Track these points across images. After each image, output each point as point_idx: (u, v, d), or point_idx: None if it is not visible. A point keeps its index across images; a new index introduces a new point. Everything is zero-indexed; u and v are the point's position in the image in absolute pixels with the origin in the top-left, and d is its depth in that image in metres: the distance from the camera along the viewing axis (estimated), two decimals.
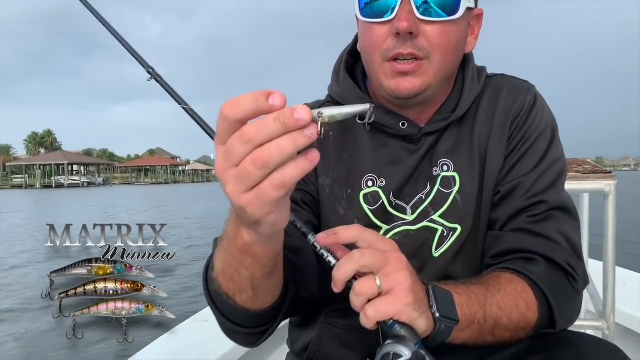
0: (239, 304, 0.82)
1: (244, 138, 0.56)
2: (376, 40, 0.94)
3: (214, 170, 0.62)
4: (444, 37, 0.92)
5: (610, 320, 1.77)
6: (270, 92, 0.55)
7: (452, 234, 1.01)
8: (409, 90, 0.94)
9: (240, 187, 0.58)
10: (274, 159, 0.55)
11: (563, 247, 0.94)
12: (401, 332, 0.73)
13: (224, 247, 0.76)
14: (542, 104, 1.05)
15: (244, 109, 0.56)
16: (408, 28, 0.89)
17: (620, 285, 2.27)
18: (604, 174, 1.83)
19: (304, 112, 0.54)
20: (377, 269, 0.73)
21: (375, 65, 0.96)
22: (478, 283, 0.87)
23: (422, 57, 0.92)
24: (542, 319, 0.89)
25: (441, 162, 1.02)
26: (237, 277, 0.78)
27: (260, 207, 0.59)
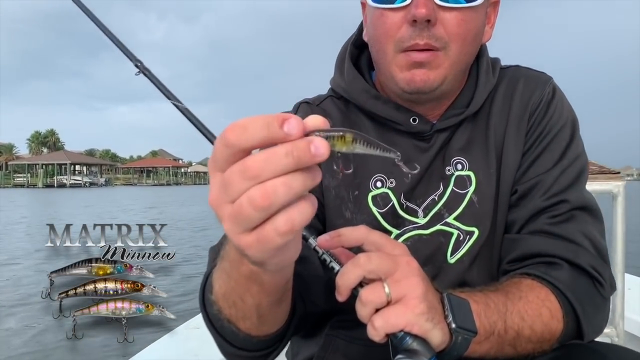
0: (242, 330, 0.73)
1: (247, 173, 0.45)
2: (390, 28, 0.86)
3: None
4: (463, 25, 0.84)
5: (620, 326, 1.70)
6: (285, 116, 0.45)
7: (469, 237, 0.92)
8: (424, 83, 0.86)
9: (237, 228, 0.48)
10: (279, 200, 0.45)
11: (588, 250, 0.86)
12: (413, 345, 0.64)
13: (225, 270, 0.67)
14: (562, 96, 0.98)
15: (253, 137, 0.46)
16: (426, 15, 0.81)
17: (625, 291, 2.22)
18: (611, 175, 1.74)
19: (323, 147, 0.45)
20: (385, 275, 0.65)
21: (388, 56, 0.88)
22: (497, 290, 0.79)
23: (439, 48, 0.84)
24: (568, 329, 0.81)
25: (455, 160, 0.95)
26: (240, 304, 0.69)
27: (262, 251, 0.50)
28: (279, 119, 0.45)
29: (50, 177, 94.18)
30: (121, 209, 26.26)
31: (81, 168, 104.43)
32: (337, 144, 0.48)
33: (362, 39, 1.00)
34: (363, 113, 0.98)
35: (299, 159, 0.44)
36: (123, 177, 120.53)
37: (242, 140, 0.46)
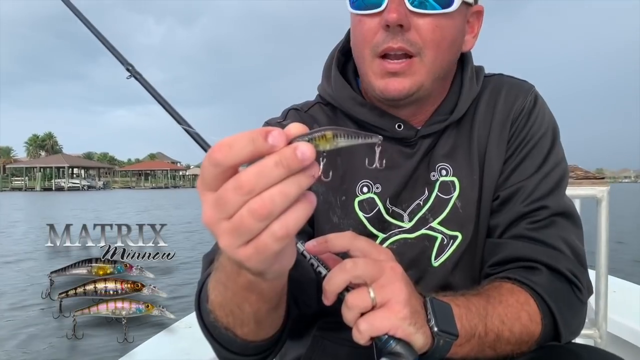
0: (240, 336, 0.75)
1: (242, 189, 0.47)
2: (366, 33, 0.88)
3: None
4: (437, 31, 0.87)
5: (602, 328, 1.73)
6: (268, 130, 0.48)
7: (452, 242, 0.95)
8: (399, 92, 0.89)
9: (236, 242, 0.50)
10: (277, 208, 0.48)
11: (566, 255, 0.90)
12: (396, 348, 0.66)
13: (221, 281, 0.69)
14: (543, 104, 1.01)
15: (240, 153, 0.48)
16: (397, 19, 0.83)
17: (610, 294, 2.27)
18: (596, 180, 1.78)
19: (308, 151, 0.47)
20: (370, 280, 0.67)
21: (366, 61, 0.91)
22: (478, 294, 0.82)
23: (414, 53, 0.87)
24: (546, 332, 0.84)
25: (439, 166, 0.97)
26: (238, 312, 0.72)
27: (261, 261, 0.52)
28: (262, 133, 0.47)
29: (48, 181, 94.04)
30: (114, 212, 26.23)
31: (79, 171, 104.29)
32: (320, 144, 0.50)
33: (349, 46, 1.01)
34: (350, 119, 1.01)
35: (288, 166, 0.47)
36: (121, 180, 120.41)
37: (229, 158, 0.47)
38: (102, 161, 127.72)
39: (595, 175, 1.82)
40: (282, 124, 0.93)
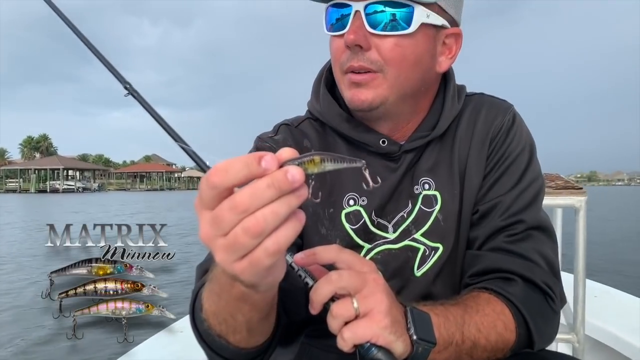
0: (232, 343, 0.79)
1: (237, 209, 0.51)
2: (335, 52, 0.95)
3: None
4: (397, 50, 0.91)
5: (580, 333, 1.78)
6: (261, 155, 0.52)
7: (434, 253, 0.99)
8: (362, 102, 0.93)
9: (231, 257, 0.54)
10: (269, 226, 0.52)
11: (541, 267, 0.94)
12: (378, 355, 0.70)
13: (215, 291, 0.73)
14: (520, 123, 1.05)
15: (235, 177, 0.52)
16: (354, 40, 0.89)
17: (592, 299, 2.33)
18: (574, 190, 1.85)
19: (298, 174, 0.51)
20: (354, 291, 0.71)
21: (338, 77, 0.98)
22: (456, 304, 0.86)
23: (376, 70, 0.91)
24: (520, 340, 0.88)
25: (422, 180, 1.01)
26: (231, 320, 0.75)
27: (255, 274, 0.56)
28: (256, 158, 0.51)
29: (43, 182, 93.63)
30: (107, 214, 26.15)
31: (74, 173, 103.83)
32: (309, 167, 0.54)
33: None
34: (337, 134, 1.05)
35: (280, 188, 0.51)
36: (116, 182, 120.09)
37: (225, 181, 0.52)
38: (97, 163, 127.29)
39: (573, 186, 1.88)
40: (273, 138, 1.05)
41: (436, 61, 0.99)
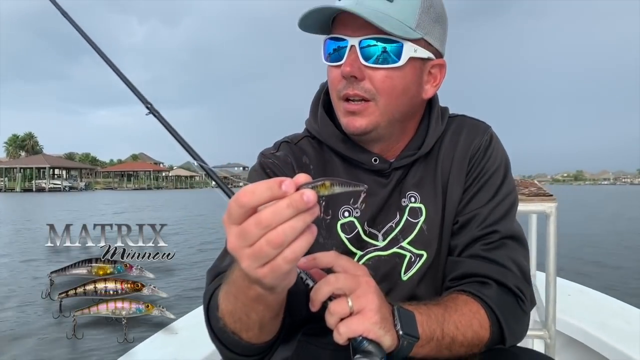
0: (244, 340, 0.88)
1: (261, 224, 0.62)
2: (333, 81, 1.06)
3: (198, 177, 0.64)
4: (388, 81, 1.02)
5: (551, 330, 1.88)
6: (281, 180, 0.62)
7: (418, 259, 1.10)
8: (357, 128, 1.04)
9: (255, 264, 0.65)
10: (288, 239, 0.62)
11: (514, 273, 1.04)
12: (369, 347, 0.80)
13: (232, 293, 0.83)
14: (497, 143, 1.16)
15: (261, 197, 0.62)
16: (350, 72, 1.00)
17: (565, 297, 2.53)
18: (546, 197, 1.99)
19: (312, 195, 0.62)
20: (349, 292, 0.82)
21: (335, 103, 1.08)
22: (438, 304, 0.96)
23: (369, 98, 1.02)
24: (494, 337, 0.98)
25: (409, 194, 1.12)
26: (245, 319, 0.85)
27: (275, 278, 0.67)
28: (277, 182, 0.62)
29: (29, 181, 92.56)
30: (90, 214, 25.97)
31: (60, 172, 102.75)
32: (321, 190, 0.65)
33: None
34: (334, 152, 1.16)
35: (296, 207, 0.62)
36: (103, 181, 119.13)
37: (252, 201, 0.63)
38: (83, 162, 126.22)
39: (545, 193, 2.03)
40: (275, 155, 1.15)
41: (422, 89, 1.10)
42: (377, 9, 0.99)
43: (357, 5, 0.98)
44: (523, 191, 2.05)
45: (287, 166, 1.14)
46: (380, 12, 0.99)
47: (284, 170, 1.12)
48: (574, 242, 13.20)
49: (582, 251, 11.76)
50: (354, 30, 1.01)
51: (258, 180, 0.64)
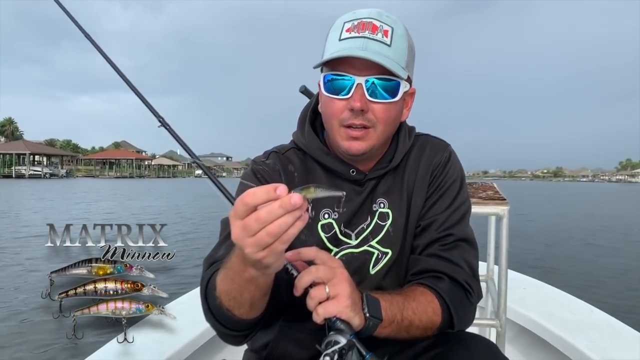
0: (237, 316, 1.06)
1: (259, 220, 0.81)
2: (336, 111, 1.20)
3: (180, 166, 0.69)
4: (386, 113, 1.19)
5: (502, 319, 2.07)
6: (276, 186, 0.81)
7: (384, 256, 1.28)
8: (358, 151, 1.21)
9: (256, 249, 0.84)
10: (283, 230, 0.81)
11: (465, 270, 1.23)
12: (341, 326, 0.99)
13: (229, 276, 1.01)
14: (455, 159, 1.36)
15: (260, 198, 0.81)
16: (360, 107, 1.16)
17: (521, 290, 2.81)
18: (499, 201, 2.21)
19: (299, 199, 0.80)
20: (327, 280, 1.01)
21: (334, 129, 1.22)
22: (399, 293, 1.15)
23: (370, 126, 1.19)
24: (444, 322, 1.17)
25: (379, 200, 1.31)
26: (239, 298, 1.03)
27: (272, 258, 0.86)
28: (273, 188, 0.81)
29: (8, 168, 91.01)
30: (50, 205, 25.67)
31: (41, 158, 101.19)
32: (307, 194, 0.83)
33: (316, 107, 1.34)
34: (318, 164, 1.33)
35: (286, 208, 0.80)
36: (84, 168, 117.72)
37: (254, 201, 0.82)
38: (65, 149, 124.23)
39: (499, 197, 2.25)
40: (265, 162, 1.32)
41: (402, 114, 1.29)
42: (380, 53, 1.15)
43: (365, 51, 1.14)
44: (481, 195, 2.26)
45: (275, 173, 1.30)
46: (383, 55, 1.15)
47: (272, 176, 1.30)
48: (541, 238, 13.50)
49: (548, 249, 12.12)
50: (360, 70, 1.16)
51: (250, 182, 0.86)
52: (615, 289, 8.06)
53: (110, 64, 1.31)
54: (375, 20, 1.19)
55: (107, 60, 1.33)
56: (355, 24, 1.19)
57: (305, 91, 1.65)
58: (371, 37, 1.17)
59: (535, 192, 55.89)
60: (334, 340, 0.98)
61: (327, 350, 0.97)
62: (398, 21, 1.22)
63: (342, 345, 0.97)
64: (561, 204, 33.68)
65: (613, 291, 7.82)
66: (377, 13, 1.21)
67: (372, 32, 1.17)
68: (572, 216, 23.05)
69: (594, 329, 2.23)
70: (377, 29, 1.18)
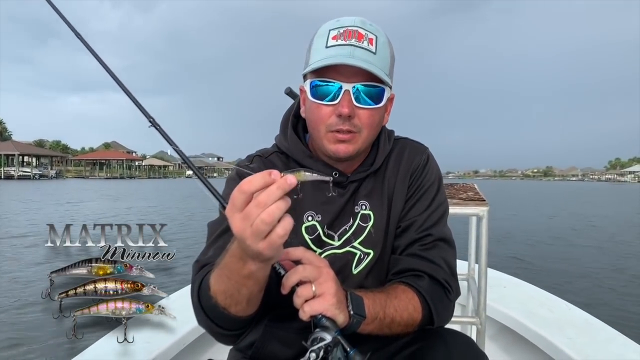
0: (233, 314, 1.09)
1: (260, 205, 0.85)
2: (323, 116, 1.24)
3: (171, 167, 0.71)
4: (371, 118, 1.24)
5: (482, 317, 2.15)
6: (270, 171, 0.87)
7: (367, 256, 1.33)
8: (346, 154, 1.25)
9: (257, 239, 0.87)
10: (276, 216, 0.85)
11: (443, 269, 1.28)
12: (326, 323, 1.03)
13: (225, 275, 1.04)
14: (432, 162, 1.42)
15: (257, 184, 0.86)
16: (349, 113, 1.19)
17: (501, 289, 2.90)
18: (479, 202, 2.29)
19: (292, 180, 0.86)
20: (313, 279, 1.05)
21: (321, 133, 1.26)
22: (381, 292, 1.19)
23: (356, 131, 1.23)
24: (425, 319, 1.21)
25: (361, 202, 1.35)
26: (236, 295, 1.06)
27: (272, 250, 0.89)
28: (268, 173, 0.86)
29: None
30: None
31: (30, 159, 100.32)
32: (298, 176, 0.88)
33: (298, 111, 1.39)
34: (300, 166, 1.34)
35: (283, 188, 0.85)
36: (74, 169, 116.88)
37: (251, 187, 0.86)
38: (54, 149, 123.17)
39: (479, 198, 2.33)
40: (249, 167, 1.36)
41: (384, 118, 1.33)
42: (367, 60, 1.19)
43: (353, 59, 1.18)
44: (461, 195, 2.35)
45: None
46: (369, 62, 1.19)
47: None
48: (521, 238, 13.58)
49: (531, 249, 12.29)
50: (347, 77, 1.20)
51: (235, 186, 0.88)
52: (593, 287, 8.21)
53: (100, 63, 1.29)
54: (359, 28, 1.22)
55: (97, 59, 1.32)
56: (341, 31, 1.22)
57: (290, 93, 1.68)
58: (357, 44, 1.20)
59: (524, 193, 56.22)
60: (320, 337, 1.02)
61: (313, 347, 1.01)
62: (380, 30, 1.26)
63: (328, 342, 1.01)
64: (551, 202, 33.91)
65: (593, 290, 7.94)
66: (361, 21, 1.24)
67: (358, 40, 1.21)
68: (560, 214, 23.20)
69: (571, 326, 2.31)
70: (363, 37, 1.22)
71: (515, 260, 10.26)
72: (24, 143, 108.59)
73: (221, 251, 1.09)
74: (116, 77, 1.28)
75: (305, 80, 1.28)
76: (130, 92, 1.26)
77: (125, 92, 1.27)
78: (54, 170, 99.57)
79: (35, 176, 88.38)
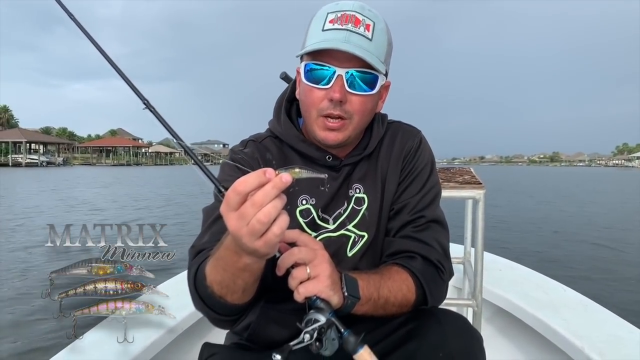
0: (229, 302, 1.09)
1: (256, 204, 0.83)
2: (315, 100, 1.23)
3: (177, 154, 0.69)
4: (363, 104, 1.24)
5: (478, 299, 2.18)
6: (265, 170, 0.84)
7: (361, 239, 1.34)
8: (334, 142, 1.26)
9: (252, 239, 0.86)
10: (272, 216, 0.84)
11: (436, 250, 1.29)
12: (321, 305, 1.03)
13: (221, 266, 1.03)
14: (425, 145, 1.43)
15: (252, 184, 0.83)
16: (340, 98, 1.19)
17: (497, 272, 2.91)
18: (475, 185, 2.27)
19: (288, 178, 0.84)
20: (308, 261, 1.05)
21: (312, 118, 1.26)
22: (375, 273, 1.20)
23: (346, 118, 1.23)
24: (418, 299, 1.23)
25: (355, 186, 1.36)
26: (232, 285, 1.05)
27: (267, 248, 0.88)
28: (263, 172, 0.84)
29: (5, 156, 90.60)
30: None
31: (37, 147, 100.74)
32: (292, 174, 0.86)
33: (293, 95, 1.40)
34: (294, 151, 1.37)
35: (279, 187, 0.83)
36: (81, 156, 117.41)
37: (247, 188, 0.83)
38: (61, 137, 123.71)
39: (476, 181, 2.31)
40: (243, 151, 1.36)
41: (377, 106, 1.33)
42: (362, 46, 1.18)
43: (348, 44, 1.17)
44: (457, 179, 2.33)
45: (254, 161, 1.34)
46: (364, 49, 1.18)
47: (251, 164, 1.33)
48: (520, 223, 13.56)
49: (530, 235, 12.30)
50: (341, 62, 1.19)
51: (230, 171, 0.91)
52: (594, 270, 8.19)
53: (92, 42, 1.27)
54: (357, 13, 1.22)
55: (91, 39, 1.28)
56: (338, 15, 1.22)
57: (285, 77, 1.68)
58: (354, 30, 1.20)
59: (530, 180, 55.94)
60: (314, 318, 1.02)
61: (308, 328, 1.02)
62: (379, 15, 1.26)
63: (322, 323, 1.02)
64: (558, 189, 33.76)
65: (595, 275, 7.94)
66: (360, 6, 1.23)
67: (355, 26, 1.20)
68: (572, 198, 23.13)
69: (566, 308, 2.32)
70: (360, 22, 1.21)
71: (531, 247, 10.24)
72: (30, 130, 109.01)
73: (217, 236, 1.11)
74: (109, 57, 1.25)
75: (301, 62, 1.27)
76: (124, 73, 1.23)
77: (118, 73, 1.24)
78: (61, 158, 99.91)
79: (43, 163, 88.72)
